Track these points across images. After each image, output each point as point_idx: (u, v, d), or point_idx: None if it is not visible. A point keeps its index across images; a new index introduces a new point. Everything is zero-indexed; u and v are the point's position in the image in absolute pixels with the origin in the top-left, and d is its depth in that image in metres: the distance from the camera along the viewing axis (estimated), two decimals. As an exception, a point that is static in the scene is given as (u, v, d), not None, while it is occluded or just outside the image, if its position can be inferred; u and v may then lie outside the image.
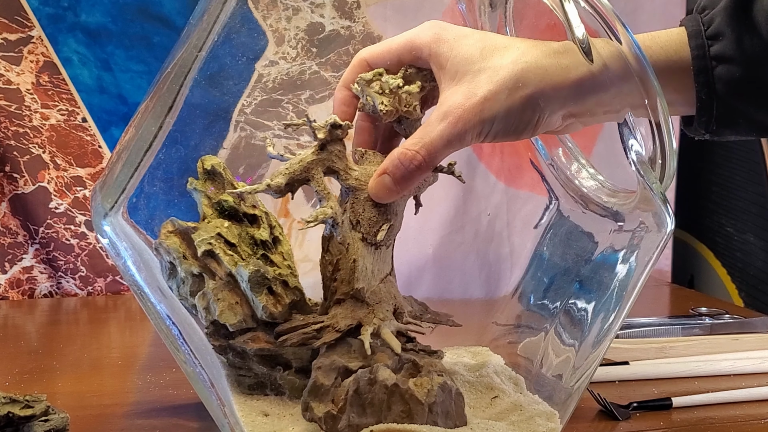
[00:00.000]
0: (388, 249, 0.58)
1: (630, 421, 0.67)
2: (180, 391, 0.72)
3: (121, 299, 1.12)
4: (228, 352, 0.60)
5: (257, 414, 0.58)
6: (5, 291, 1.11)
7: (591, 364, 0.59)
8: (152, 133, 0.53)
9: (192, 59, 0.54)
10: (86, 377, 0.77)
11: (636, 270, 0.58)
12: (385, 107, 0.56)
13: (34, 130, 1.09)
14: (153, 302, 0.56)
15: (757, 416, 0.68)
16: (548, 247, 0.69)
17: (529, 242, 0.70)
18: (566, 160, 0.65)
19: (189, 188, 0.60)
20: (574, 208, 0.65)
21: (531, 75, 0.54)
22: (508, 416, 0.59)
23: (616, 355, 0.80)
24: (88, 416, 0.66)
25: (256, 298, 0.57)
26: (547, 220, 0.69)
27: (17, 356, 0.84)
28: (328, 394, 0.54)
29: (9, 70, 1.08)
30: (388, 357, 0.55)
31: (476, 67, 0.54)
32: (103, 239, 0.55)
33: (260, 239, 0.59)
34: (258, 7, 0.67)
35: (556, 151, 0.66)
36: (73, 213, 1.12)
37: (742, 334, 0.88)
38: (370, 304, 0.56)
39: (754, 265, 1.21)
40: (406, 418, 0.53)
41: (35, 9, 1.08)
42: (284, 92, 0.71)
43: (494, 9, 0.67)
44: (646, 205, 0.57)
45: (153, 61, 1.11)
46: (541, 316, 0.66)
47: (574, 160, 0.65)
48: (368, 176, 0.57)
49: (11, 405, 0.56)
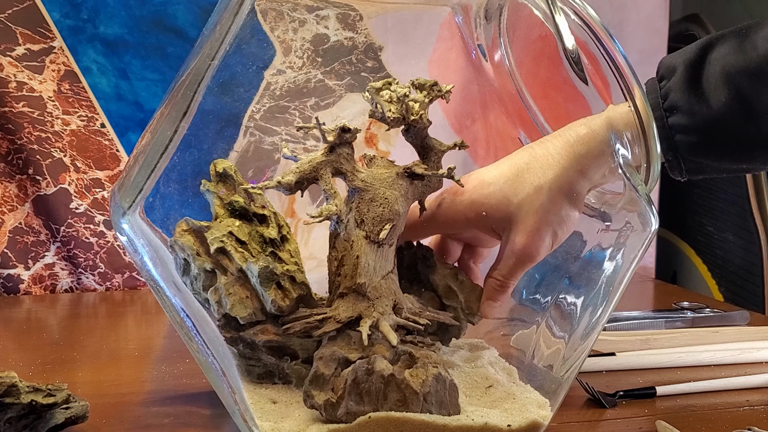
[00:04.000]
0: (391, 248, 0.58)
1: (616, 408, 0.67)
2: (193, 381, 0.72)
3: (138, 294, 1.12)
4: (239, 344, 0.60)
5: (266, 401, 0.58)
6: (28, 286, 1.11)
7: (580, 355, 0.59)
8: (167, 137, 0.53)
9: (205, 68, 0.54)
10: (105, 367, 0.78)
11: (622, 267, 0.58)
12: (393, 114, 0.56)
13: (55, 135, 1.09)
14: (168, 296, 0.55)
15: (736, 404, 0.68)
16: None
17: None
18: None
19: (202, 189, 0.59)
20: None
21: (562, 196, 0.58)
22: (501, 404, 0.59)
23: (603, 347, 0.80)
24: (107, 404, 0.66)
25: (266, 292, 0.57)
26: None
27: (40, 348, 0.84)
28: (328, 383, 0.54)
29: (32, 79, 1.08)
30: (386, 349, 0.55)
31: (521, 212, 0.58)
32: (121, 237, 0.55)
33: (269, 237, 0.59)
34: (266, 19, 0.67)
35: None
36: (93, 213, 1.12)
37: (721, 326, 0.88)
38: (370, 298, 0.56)
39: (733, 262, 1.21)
40: (402, 406, 0.53)
41: (57, 21, 1.08)
42: (291, 99, 0.70)
43: (489, 21, 0.67)
44: (631, 206, 0.57)
45: (168, 70, 1.11)
46: (533, 310, 0.66)
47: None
48: (374, 179, 0.57)
49: (34, 393, 0.56)
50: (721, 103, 0.60)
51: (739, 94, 0.60)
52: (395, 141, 0.77)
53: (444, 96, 0.57)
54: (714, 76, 0.61)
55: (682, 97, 0.62)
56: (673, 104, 0.62)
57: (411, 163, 0.59)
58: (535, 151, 0.60)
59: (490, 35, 0.67)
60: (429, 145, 0.59)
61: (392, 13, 0.77)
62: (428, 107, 0.57)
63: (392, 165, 0.59)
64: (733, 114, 0.61)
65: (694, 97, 0.61)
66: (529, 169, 0.58)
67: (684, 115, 0.62)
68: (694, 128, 0.62)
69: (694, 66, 0.62)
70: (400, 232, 0.59)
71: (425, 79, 0.57)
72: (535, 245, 0.58)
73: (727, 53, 0.61)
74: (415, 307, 0.59)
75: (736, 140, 0.62)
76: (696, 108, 0.61)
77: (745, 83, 0.60)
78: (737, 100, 0.60)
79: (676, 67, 0.63)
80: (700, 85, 0.61)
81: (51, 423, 0.57)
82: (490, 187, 0.59)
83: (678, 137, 0.62)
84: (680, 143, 0.62)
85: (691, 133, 0.62)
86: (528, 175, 0.58)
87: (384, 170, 0.58)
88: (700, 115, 0.61)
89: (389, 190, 0.57)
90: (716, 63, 0.61)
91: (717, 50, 0.62)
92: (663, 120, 0.62)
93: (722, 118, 0.61)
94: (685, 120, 0.61)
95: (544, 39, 0.60)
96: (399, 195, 0.57)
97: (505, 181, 0.59)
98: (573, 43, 0.55)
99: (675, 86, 0.62)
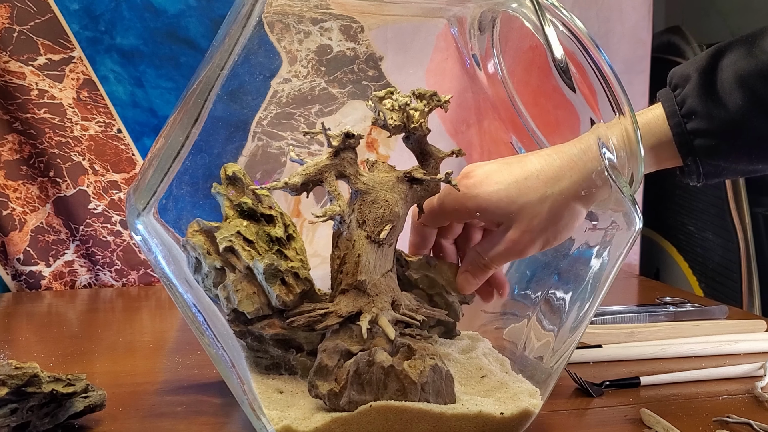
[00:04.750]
0: (391, 247, 0.58)
1: (603, 397, 0.67)
2: (204, 371, 0.72)
3: (152, 290, 1.12)
4: (247, 337, 0.60)
5: (273, 391, 0.58)
6: (49, 282, 1.11)
7: (568, 347, 0.59)
8: (180, 142, 0.53)
9: (215, 77, 0.54)
10: (121, 358, 0.78)
11: (608, 264, 0.58)
12: (394, 122, 0.56)
13: (75, 140, 1.10)
14: (180, 292, 0.56)
15: (716, 393, 0.69)
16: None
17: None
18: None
19: (213, 192, 0.60)
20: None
21: (564, 211, 0.57)
22: (495, 393, 0.59)
23: (590, 339, 0.80)
24: (123, 393, 0.66)
25: (271, 288, 0.57)
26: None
27: (60, 340, 0.84)
28: (331, 373, 0.54)
29: (53, 87, 1.08)
30: (386, 341, 0.55)
31: (521, 215, 0.58)
32: (136, 236, 0.55)
33: (275, 236, 0.59)
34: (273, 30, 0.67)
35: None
36: (110, 213, 1.13)
37: (701, 320, 0.88)
38: (370, 294, 0.56)
39: (712, 259, 1.21)
40: (401, 395, 0.53)
41: (76, 33, 1.08)
42: (296, 106, 0.71)
43: (483, 32, 0.67)
44: (617, 206, 0.58)
45: (180, 78, 1.12)
46: (524, 304, 0.66)
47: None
48: (376, 182, 0.57)
49: (55, 383, 0.56)
50: (737, 105, 0.60)
51: (754, 95, 0.60)
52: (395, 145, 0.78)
53: (443, 106, 0.58)
54: (728, 80, 0.60)
55: (699, 103, 0.61)
56: (690, 110, 0.61)
57: (411, 168, 0.59)
58: (549, 161, 0.59)
59: (484, 45, 0.67)
60: (428, 152, 0.59)
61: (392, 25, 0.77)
62: (428, 116, 0.58)
63: (393, 169, 0.59)
64: (750, 115, 0.60)
65: (711, 102, 0.61)
66: (539, 177, 0.58)
67: (702, 120, 0.61)
68: (713, 132, 0.61)
69: (707, 73, 0.61)
70: (400, 233, 0.59)
71: (425, 89, 0.57)
72: (525, 245, 0.58)
73: (738, 59, 0.61)
74: (413, 304, 0.59)
75: (755, 140, 0.61)
76: (714, 112, 0.60)
77: (759, 85, 0.59)
78: (753, 101, 0.60)
79: (690, 75, 0.62)
80: (715, 90, 0.61)
81: (71, 411, 0.58)
82: (496, 185, 0.58)
83: (697, 141, 0.61)
84: (699, 147, 0.62)
85: (711, 137, 0.61)
86: (536, 183, 0.57)
87: (385, 174, 0.58)
88: (718, 118, 0.60)
89: (390, 193, 0.57)
90: (728, 69, 0.61)
91: (727, 57, 0.61)
92: (681, 126, 0.61)
93: (740, 120, 0.60)
94: (704, 124, 0.61)
95: (534, 49, 0.60)
96: (399, 198, 0.57)
97: (512, 182, 0.58)
98: (562, 54, 0.55)
99: (691, 93, 0.61)
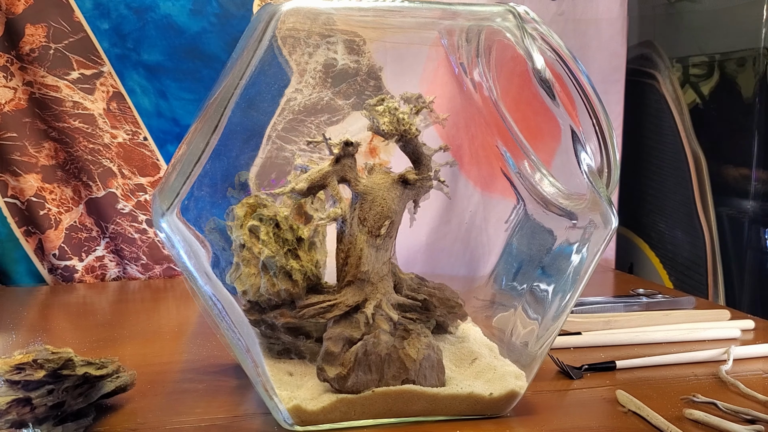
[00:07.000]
0: (391, 239, 0.58)
1: (582, 379, 0.67)
2: (222, 355, 0.72)
3: (175, 281, 1.12)
4: (261, 325, 0.60)
5: (284, 374, 0.58)
6: (82, 276, 1.11)
7: (551, 334, 0.59)
8: (200, 149, 0.53)
9: (234, 87, 0.54)
10: (148, 343, 0.78)
11: (587, 259, 0.58)
12: (386, 126, 0.56)
13: (105, 147, 1.09)
14: (200, 284, 0.55)
15: (684, 376, 0.68)
16: (517, 240, 0.69)
17: (502, 236, 0.70)
18: (531, 171, 0.65)
19: (228, 195, 0.60)
20: (537, 209, 0.65)
21: None
22: (484, 375, 0.59)
23: (571, 327, 0.80)
24: (151, 372, 0.66)
25: (279, 282, 0.57)
26: (515, 219, 0.68)
27: (92, 328, 0.84)
28: (337, 359, 0.54)
29: (85, 99, 1.08)
30: (387, 323, 0.55)
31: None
32: (160, 234, 0.54)
33: (284, 238, 0.59)
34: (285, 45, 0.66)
35: (522, 164, 0.66)
36: (136, 213, 1.12)
37: (671, 310, 0.88)
38: (374, 282, 0.56)
39: (681, 255, 1.21)
40: (402, 371, 0.54)
41: (106, 50, 1.08)
42: (307, 114, 0.70)
43: (469, 43, 0.67)
44: (595, 207, 0.57)
45: (200, 90, 1.11)
46: (511, 295, 0.66)
47: (537, 171, 0.65)
48: (374, 185, 0.57)
49: (87, 366, 0.56)
50: None
51: None
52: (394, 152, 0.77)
53: (428, 106, 0.57)
54: None
55: None
56: None
57: (404, 171, 0.59)
58: None
59: (471, 55, 0.67)
60: (420, 152, 0.59)
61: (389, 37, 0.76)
62: (416, 117, 0.57)
63: (389, 173, 0.59)
64: None
65: None
66: None
67: None
68: None
69: None
70: (398, 226, 0.59)
71: (411, 93, 0.58)
72: None
73: None
74: (414, 283, 0.60)
75: None
76: None
77: None
78: None
79: None
80: None
81: (102, 391, 0.57)
82: None
83: None
84: None
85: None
86: None
87: (382, 177, 0.58)
88: None
89: (387, 194, 0.57)
90: None
91: None
92: None
93: None
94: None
95: (515, 59, 0.60)
96: (395, 197, 0.57)
97: None
98: (542, 64, 0.55)
99: None
